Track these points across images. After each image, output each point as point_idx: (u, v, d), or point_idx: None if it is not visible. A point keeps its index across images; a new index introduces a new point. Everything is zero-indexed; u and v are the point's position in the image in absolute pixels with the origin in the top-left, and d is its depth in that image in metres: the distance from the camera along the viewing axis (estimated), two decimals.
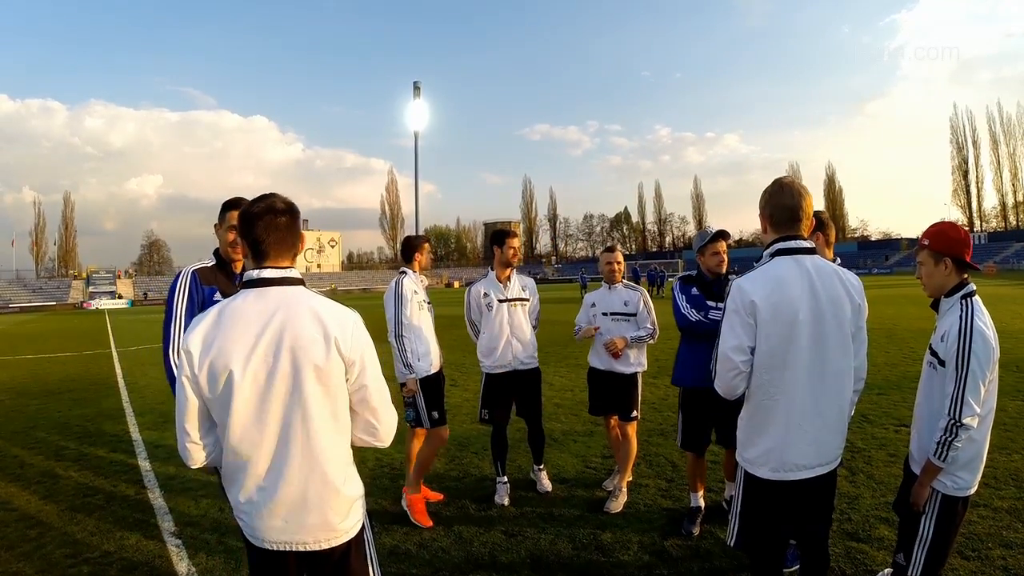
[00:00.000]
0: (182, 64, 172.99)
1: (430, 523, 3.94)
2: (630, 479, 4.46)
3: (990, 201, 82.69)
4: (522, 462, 5.00)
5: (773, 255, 2.26)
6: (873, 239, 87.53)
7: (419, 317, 4.15)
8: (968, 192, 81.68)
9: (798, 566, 2.79)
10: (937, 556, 2.45)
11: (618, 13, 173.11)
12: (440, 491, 4.53)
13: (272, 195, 1.82)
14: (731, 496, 3.92)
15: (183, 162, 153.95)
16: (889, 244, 79.64)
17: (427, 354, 4.12)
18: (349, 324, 1.78)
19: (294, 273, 1.81)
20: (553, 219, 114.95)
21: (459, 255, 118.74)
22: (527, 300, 4.52)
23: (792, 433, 2.19)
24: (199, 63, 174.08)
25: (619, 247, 4.62)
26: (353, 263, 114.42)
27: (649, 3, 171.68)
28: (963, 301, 2.38)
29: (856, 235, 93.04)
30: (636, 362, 4.35)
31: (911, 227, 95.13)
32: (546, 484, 4.51)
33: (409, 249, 4.39)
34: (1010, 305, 18.20)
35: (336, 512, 1.78)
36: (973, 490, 2.44)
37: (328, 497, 1.76)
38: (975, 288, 2.43)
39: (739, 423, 2.37)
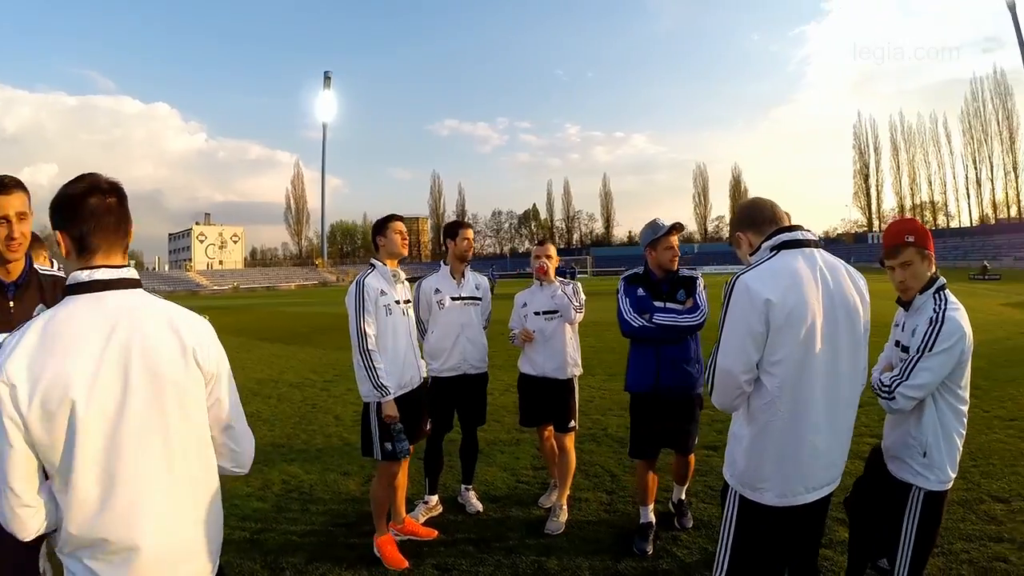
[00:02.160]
0: (81, 44, 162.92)
1: (404, 563, 3.53)
2: (568, 494, 4.29)
3: (889, 204, 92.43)
4: (445, 479, 4.71)
5: (776, 248, 2.07)
6: None
7: (388, 323, 3.58)
8: (868, 195, 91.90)
9: None
10: (922, 555, 2.48)
11: (534, 11, 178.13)
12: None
13: (92, 174, 1.55)
14: (679, 499, 4.03)
15: (80, 150, 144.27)
16: None
17: (392, 373, 3.54)
18: (205, 331, 1.61)
19: (132, 273, 1.56)
20: (461, 215, 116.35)
21: (366, 251, 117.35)
22: (479, 300, 4.32)
23: (804, 453, 2.02)
24: (99, 43, 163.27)
25: (550, 242, 4.46)
26: (256, 260, 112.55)
27: (565, 2, 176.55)
28: (936, 295, 2.45)
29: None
30: (572, 365, 4.18)
31: (812, 227, 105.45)
32: (476, 504, 4.30)
33: (372, 233, 3.83)
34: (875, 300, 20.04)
35: (211, 556, 1.60)
36: (951, 483, 2.50)
37: (201, 545, 1.57)
38: (945, 282, 2.51)
39: (735, 443, 2.17)
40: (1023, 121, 75.14)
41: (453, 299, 4.17)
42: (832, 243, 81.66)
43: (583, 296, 4.22)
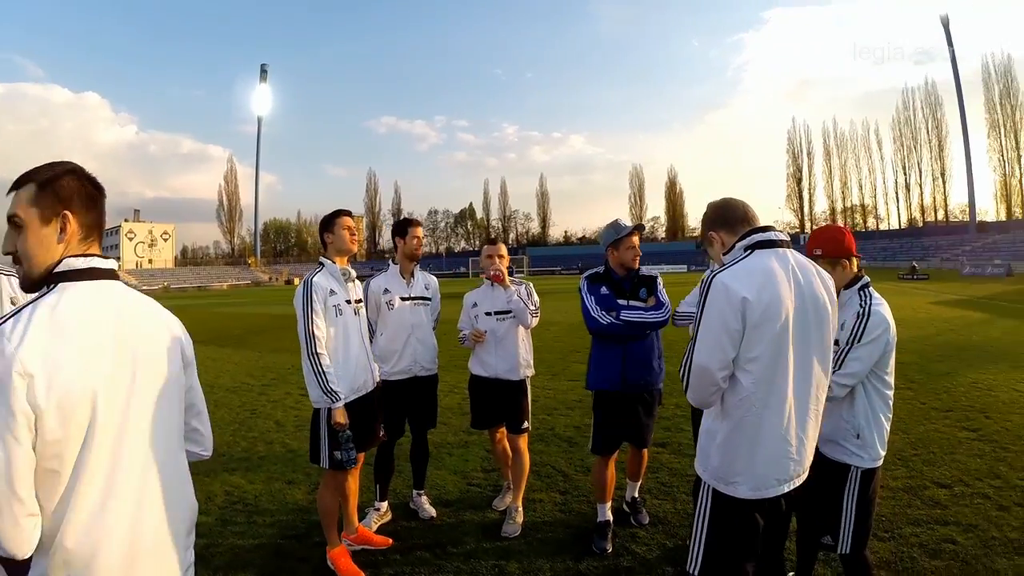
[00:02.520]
0: (6, 27, 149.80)
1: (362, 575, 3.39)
2: (523, 495, 4.24)
3: (820, 206, 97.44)
4: (394, 484, 4.58)
5: (750, 248, 2.12)
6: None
7: (338, 324, 3.41)
8: (801, 197, 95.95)
9: None
10: (863, 527, 2.65)
11: (475, 9, 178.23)
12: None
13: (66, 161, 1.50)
14: (633, 498, 4.07)
15: (5, 141, 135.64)
16: None
17: (343, 376, 3.37)
18: (180, 322, 1.65)
19: (114, 264, 1.53)
20: (397, 214, 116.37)
21: (299, 250, 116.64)
22: (429, 300, 4.23)
23: (776, 447, 2.08)
24: (25, 28, 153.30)
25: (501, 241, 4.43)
26: (187, 258, 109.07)
27: (506, 2, 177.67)
28: (861, 292, 2.66)
29: (695, 235, 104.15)
30: (525, 365, 4.15)
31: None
32: (429, 510, 4.20)
33: (320, 230, 3.65)
34: None
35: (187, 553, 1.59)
36: (881, 460, 2.70)
37: (189, 537, 1.59)
38: (869, 279, 2.72)
39: (708, 439, 2.20)
40: (951, 130, 79.63)
41: (403, 299, 4.06)
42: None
43: (536, 298, 4.20)
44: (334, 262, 3.52)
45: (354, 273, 3.58)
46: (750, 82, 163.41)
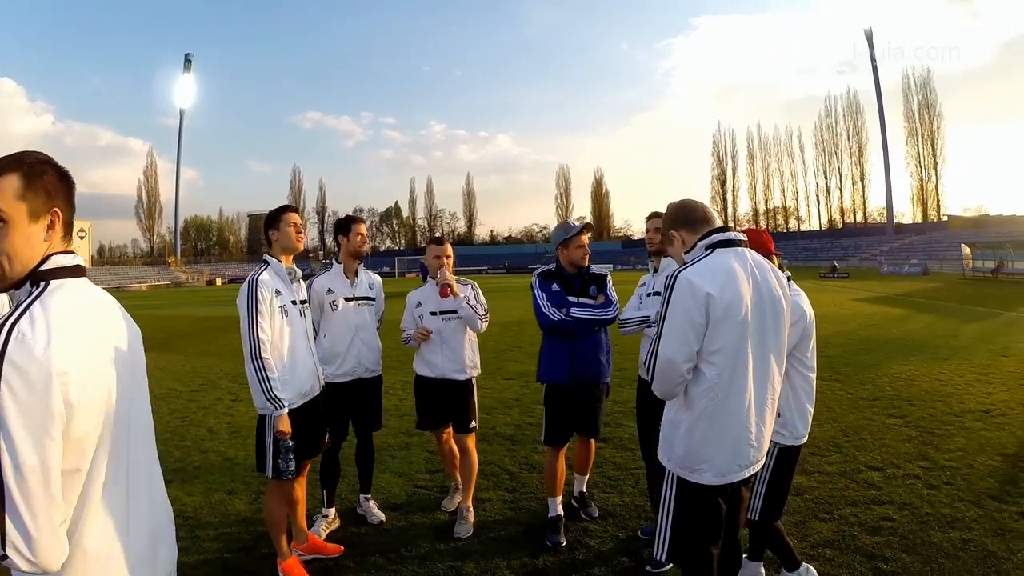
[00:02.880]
0: None
1: None
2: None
3: (744, 208, 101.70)
4: (339, 489, 4.45)
5: (711, 247, 2.25)
6: (636, 238, 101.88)
7: (282, 328, 3.26)
8: (725, 199, 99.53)
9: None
10: (774, 500, 2.90)
11: (405, 5, 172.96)
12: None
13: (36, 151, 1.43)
14: (581, 492, 4.16)
15: None
16: None
17: (289, 382, 3.23)
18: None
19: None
20: (322, 212, 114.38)
21: (221, 249, 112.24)
22: (373, 300, 4.17)
23: (739, 434, 2.21)
24: None
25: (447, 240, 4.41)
26: (104, 257, 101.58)
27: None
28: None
29: (620, 234, 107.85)
30: (471, 365, 4.16)
31: None
32: (378, 514, 4.12)
33: (264, 227, 3.48)
34: None
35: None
36: (804, 440, 2.94)
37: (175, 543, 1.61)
38: (790, 274, 2.88)
39: (672, 429, 2.31)
40: (871, 137, 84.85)
41: (347, 299, 4.00)
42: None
43: (484, 299, 4.22)
44: (279, 260, 3.37)
45: (300, 272, 3.46)
46: (677, 86, 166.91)
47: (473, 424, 4.14)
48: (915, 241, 61.88)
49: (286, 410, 3.13)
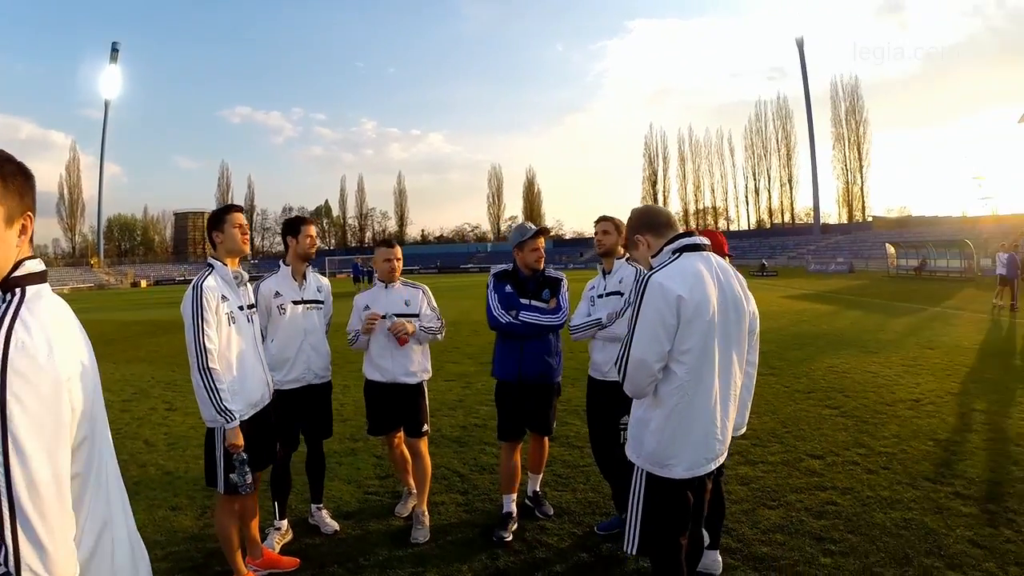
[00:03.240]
0: None
1: None
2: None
3: (674, 207, 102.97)
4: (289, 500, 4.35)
5: (678, 251, 2.35)
6: (567, 238, 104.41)
7: (230, 335, 3.14)
8: (656, 199, 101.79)
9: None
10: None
11: None
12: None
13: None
14: (535, 491, 4.20)
15: None
16: (583, 242, 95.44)
17: (239, 392, 3.11)
18: None
19: None
20: (251, 211, 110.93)
21: (146, 250, 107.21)
22: (322, 303, 4.07)
23: (707, 429, 2.32)
24: None
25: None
26: None
27: None
28: None
29: (552, 234, 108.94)
30: (421, 369, 4.14)
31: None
32: (332, 523, 4.03)
33: (208, 228, 3.36)
34: None
35: None
36: (743, 430, 2.94)
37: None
38: None
39: (641, 427, 2.39)
40: (800, 140, 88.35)
41: (295, 303, 3.90)
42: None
43: (435, 303, 4.22)
44: (224, 264, 3.23)
45: (246, 276, 3.34)
46: (610, 87, 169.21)
47: (426, 428, 4.12)
48: (841, 240, 64.97)
49: (237, 422, 3.01)
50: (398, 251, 4.19)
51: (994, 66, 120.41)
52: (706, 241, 2.42)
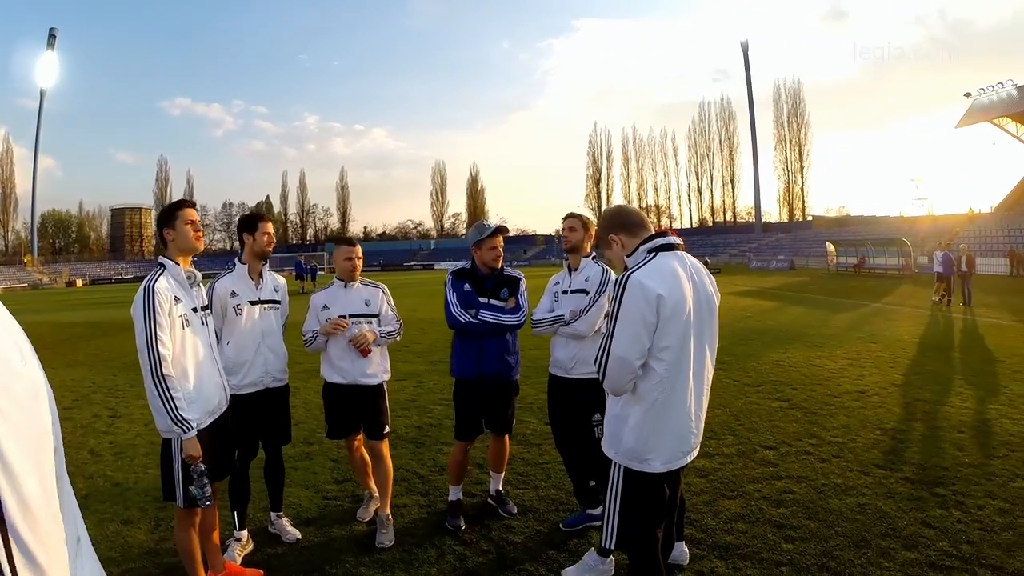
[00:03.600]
0: None
1: None
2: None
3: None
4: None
5: (653, 251, 2.42)
6: (511, 235, 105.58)
7: (184, 339, 3.00)
8: (599, 197, 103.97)
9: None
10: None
11: None
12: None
13: None
14: (497, 490, 4.22)
15: None
16: (526, 239, 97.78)
17: (196, 400, 3.00)
18: None
19: None
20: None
21: (81, 247, 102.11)
22: (279, 303, 3.95)
23: (683, 424, 2.41)
24: None
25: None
26: None
27: None
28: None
29: None
30: (381, 369, 4.11)
31: (546, 225, 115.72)
32: (293, 531, 3.92)
33: (158, 225, 3.20)
34: None
35: None
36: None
37: None
38: None
39: (619, 423, 2.45)
40: (742, 141, 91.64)
41: (252, 303, 3.77)
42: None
43: (393, 303, 4.20)
44: (177, 263, 3.09)
45: (199, 276, 3.20)
46: (556, 86, 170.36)
47: (387, 430, 4.09)
48: (782, 239, 67.25)
49: (194, 432, 2.90)
50: (359, 249, 4.12)
51: (932, 73, 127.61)
52: (679, 241, 2.49)
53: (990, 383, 7.46)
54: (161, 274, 3.01)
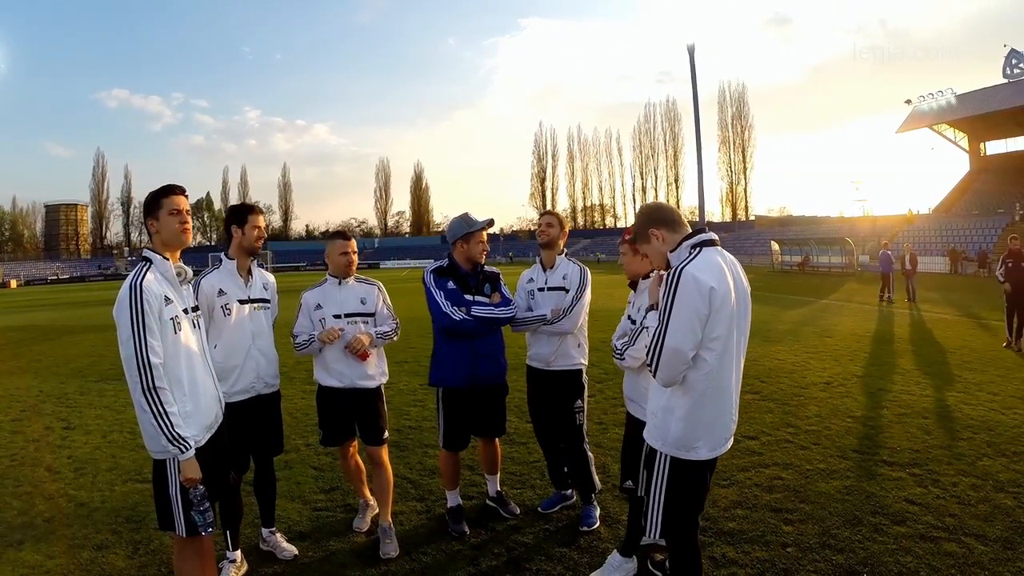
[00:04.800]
0: None
1: None
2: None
3: (562, 204, 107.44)
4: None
5: (697, 246, 2.55)
6: None
7: (178, 344, 2.73)
8: (544, 196, 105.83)
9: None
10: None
11: None
12: None
13: None
14: (497, 492, 4.27)
15: None
16: None
17: (192, 414, 2.74)
18: None
19: None
20: (127, 203, 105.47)
21: (14, 246, 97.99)
22: (269, 302, 3.81)
23: (728, 411, 2.56)
24: None
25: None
26: None
27: None
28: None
29: (440, 229, 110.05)
30: (380, 371, 4.03)
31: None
32: (289, 548, 3.79)
33: (144, 215, 2.91)
34: (605, 288, 24.42)
35: None
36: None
37: None
38: None
39: (667, 415, 2.55)
40: (687, 142, 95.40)
41: (241, 302, 3.62)
42: (509, 239, 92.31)
43: (390, 302, 4.13)
44: (165, 258, 2.81)
45: (190, 272, 2.95)
46: (500, 84, 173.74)
47: (386, 435, 4.02)
48: (724, 238, 69.21)
49: (193, 452, 2.64)
50: (354, 243, 4.03)
51: (872, 79, 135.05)
52: (716, 237, 2.63)
53: (944, 372, 8.06)
54: (147, 270, 2.73)
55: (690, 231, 2.64)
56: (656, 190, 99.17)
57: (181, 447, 2.58)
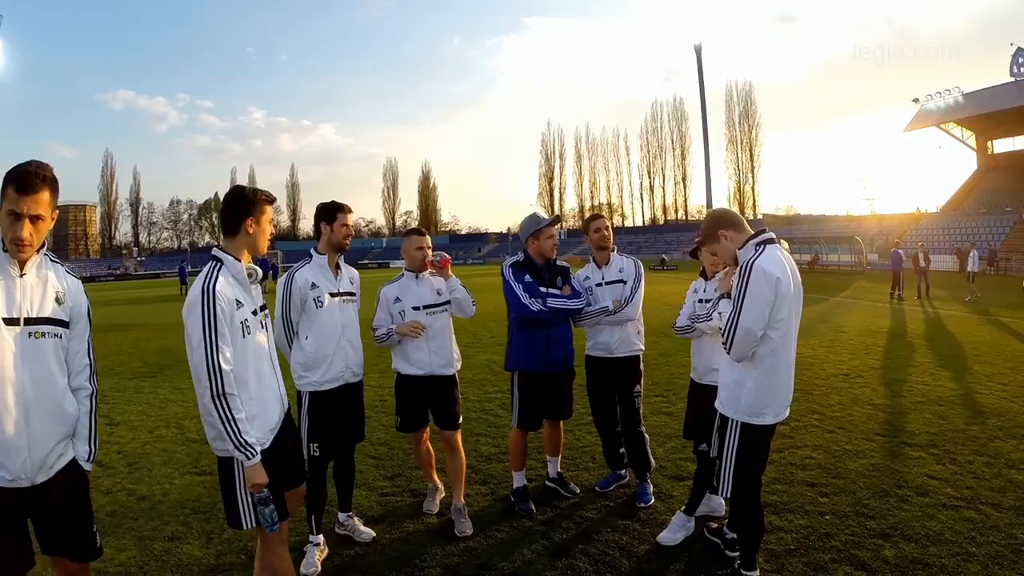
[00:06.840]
0: None
1: None
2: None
3: (570, 204, 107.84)
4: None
5: (761, 244, 3.07)
6: (463, 233, 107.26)
7: (247, 348, 2.73)
8: (552, 195, 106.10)
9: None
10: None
11: None
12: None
13: None
14: (558, 473, 4.70)
15: None
16: (479, 237, 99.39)
17: (257, 416, 2.73)
18: None
19: None
20: (136, 204, 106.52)
21: None
22: (355, 295, 4.07)
23: (787, 383, 3.11)
24: None
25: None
26: None
27: None
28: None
29: (447, 229, 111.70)
30: (456, 358, 4.36)
31: (499, 223, 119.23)
32: (367, 531, 4.07)
33: (234, 210, 2.81)
34: None
35: None
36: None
37: None
38: None
39: (737, 387, 3.08)
40: (694, 141, 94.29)
41: (332, 295, 3.83)
42: (517, 238, 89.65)
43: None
44: (237, 259, 2.77)
45: (260, 272, 2.89)
46: (506, 83, 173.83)
47: (461, 419, 4.29)
48: None
49: (258, 458, 2.63)
50: (428, 239, 4.30)
51: (877, 76, 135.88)
52: (775, 235, 3.15)
53: (958, 365, 8.66)
54: (219, 270, 2.69)
55: (752, 232, 3.15)
56: (664, 189, 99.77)
57: (247, 453, 2.59)
